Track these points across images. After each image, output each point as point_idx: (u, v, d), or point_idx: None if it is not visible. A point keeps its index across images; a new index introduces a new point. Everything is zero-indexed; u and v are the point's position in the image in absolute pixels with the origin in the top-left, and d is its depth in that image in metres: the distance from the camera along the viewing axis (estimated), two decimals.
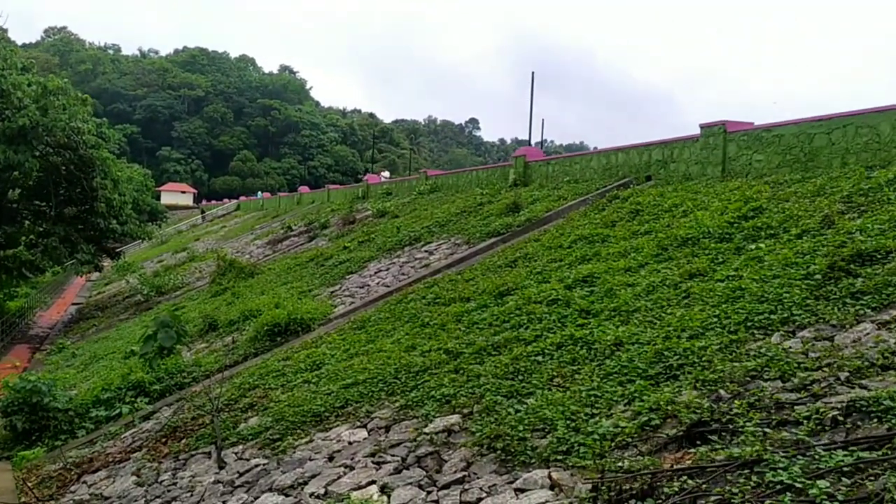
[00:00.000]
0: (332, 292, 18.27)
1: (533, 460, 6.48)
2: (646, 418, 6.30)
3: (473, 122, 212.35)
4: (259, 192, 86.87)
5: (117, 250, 43.33)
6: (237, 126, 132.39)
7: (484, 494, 6.26)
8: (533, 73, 40.83)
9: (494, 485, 6.37)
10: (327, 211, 38.04)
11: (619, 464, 5.78)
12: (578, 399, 7.11)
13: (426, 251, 18.75)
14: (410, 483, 6.92)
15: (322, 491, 7.39)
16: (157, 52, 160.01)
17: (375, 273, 18.61)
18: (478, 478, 6.61)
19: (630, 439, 6.14)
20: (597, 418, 6.69)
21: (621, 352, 7.86)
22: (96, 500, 9.32)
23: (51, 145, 31.82)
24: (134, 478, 9.68)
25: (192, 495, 8.50)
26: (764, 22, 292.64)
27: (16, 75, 30.76)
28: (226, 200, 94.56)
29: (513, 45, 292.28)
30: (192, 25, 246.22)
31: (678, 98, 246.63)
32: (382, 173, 69.60)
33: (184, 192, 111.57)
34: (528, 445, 6.68)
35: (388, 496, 6.81)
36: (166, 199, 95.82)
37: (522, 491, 6.07)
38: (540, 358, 8.50)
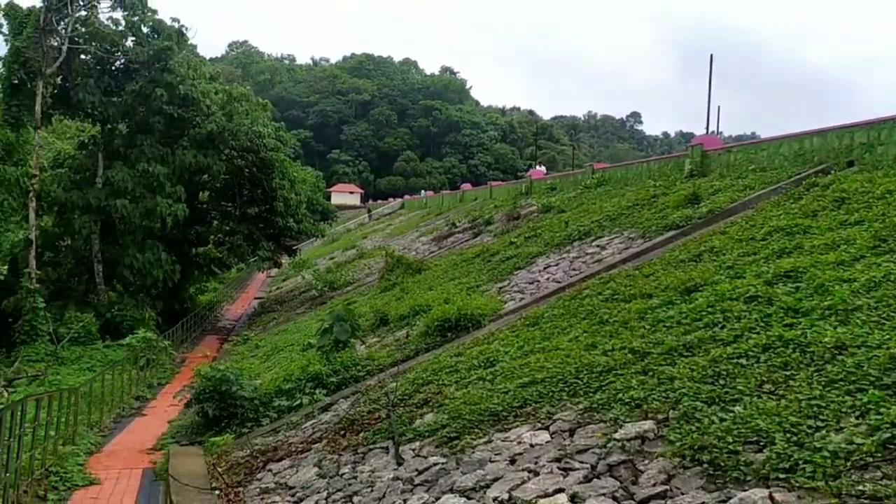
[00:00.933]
0: (500, 288, 17.95)
1: (748, 477, 5.72)
2: (888, 434, 5.37)
3: (635, 115, 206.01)
4: (422, 191, 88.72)
5: (294, 248, 45.66)
6: (401, 127, 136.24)
7: None
8: (711, 55, 38.12)
9: (703, 503, 5.68)
10: (490, 207, 37.91)
11: (860, 487, 4.94)
12: (798, 409, 6.24)
13: (597, 246, 17.98)
14: (603, 494, 6.36)
15: (506, 496, 6.98)
16: (327, 60, 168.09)
17: (544, 269, 18.08)
18: (682, 493, 5.94)
19: (870, 459, 5.25)
20: (823, 432, 5.81)
21: (845, 356, 6.86)
22: (281, 490, 9.48)
23: (235, 149, 33.94)
24: (315, 469, 9.77)
25: (372, 490, 8.40)
26: None
27: (205, 84, 33.01)
28: (391, 199, 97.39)
29: (673, 35, 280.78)
30: (360, 33, 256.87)
31: (860, 82, 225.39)
32: (538, 168, 68.84)
33: (352, 193, 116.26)
34: (741, 460, 5.92)
35: None
36: (336, 199, 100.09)
37: None
38: (743, 361, 7.63)
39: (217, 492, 9.83)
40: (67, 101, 32.34)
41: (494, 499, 7.01)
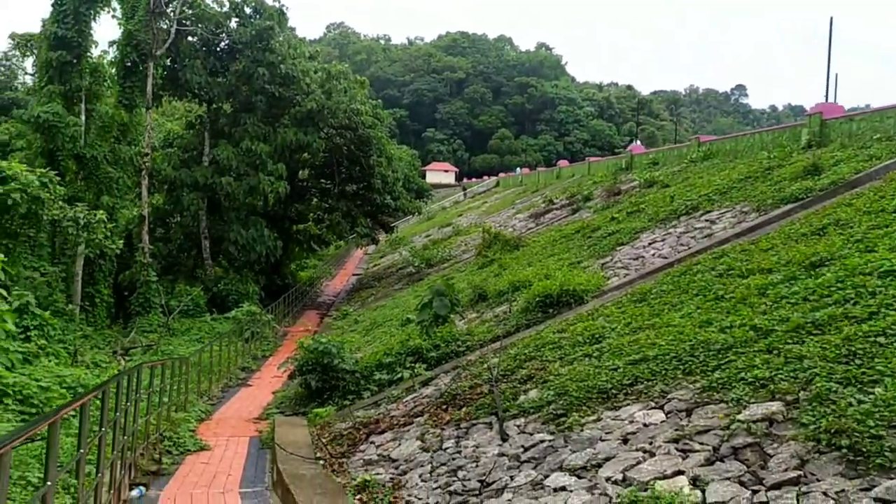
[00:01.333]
0: (602, 264, 17.43)
1: (895, 464, 5.20)
2: None
3: (740, 88, 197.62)
4: (517, 169, 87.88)
5: (391, 225, 46.09)
6: (495, 105, 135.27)
7: (831, 502, 5.13)
8: (831, 18, 35.84)
9: (843, 490, 5.21)
10: (589, 183, 37.02)
11: None
12: None
13: (706, 220, 17.17)
14: (728, 478, 5.95)
15: (619, 476, 6.66)
16: (422, 39, 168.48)
17: (649, 244, 17.42)
18: (818, 480, 5.47)
19: None
20: None
21: None
22: (384, 462, 9.45)
23: (334, 126, 34.39)
24: (418, 443, 9.69)
25: (477, 466, 8.23)
26: None
27: (304, 63, 33.51)
28: (485, 177, 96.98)
29: (782, 4, 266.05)
30: (454, 10, 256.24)
31: None
32: (637, 144, 66.84)
33: (446, 171, 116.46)
34: (886, 445, 5.41)
35: (703, 491, 5.90)
36: (431, 178, 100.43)
37: (886, 503, 4.85)
38: (882, 339, 7.00)
39: (321, 462, 9.90)
40: (176, 81, 33.58)
41: (608, 479, 6.70)
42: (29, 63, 59.06)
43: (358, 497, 8.23)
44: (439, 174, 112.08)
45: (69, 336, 20.75)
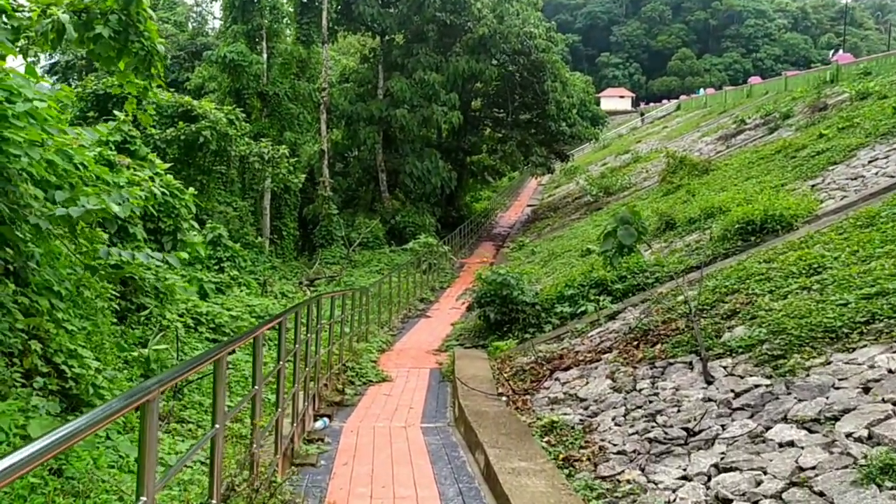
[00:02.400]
0: (812, 186, 15.47)
1: None
2: None
3: None
4: (701, 90, 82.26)
5: (566, 153, 44.66)
6: (675, 23, 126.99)
7: None
8: None
9: None
10: (786, 100, 33.55)
11: None
12: None
13: None
14: None
15: (864, 433, 5.51)
16: None
17: (870, 162, 15.21)
18: None
19: None
20: None
21: None
22: (572, 401, 8.76)
23: (506, 52, 33.30)
24: (608, 381, 8.89)
25: (678, 411, 7.32)
26: None
27: None
28: (664, 101, 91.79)
29: None
30: None
31: None
32: (840, 53, 59.86)
33: (622, 97, 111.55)
34: None
35: None
36: (605, 104, 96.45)
37: None
38: None
39: (504, 398, 9.39)
40: (349, 15, 33.79)
41: (848, 435, 5.57)
42: (217, 7, 62.44)
43: (545, 439, 7.62)
44: (614, 100, 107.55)
45: (259, 267, 21.74)
